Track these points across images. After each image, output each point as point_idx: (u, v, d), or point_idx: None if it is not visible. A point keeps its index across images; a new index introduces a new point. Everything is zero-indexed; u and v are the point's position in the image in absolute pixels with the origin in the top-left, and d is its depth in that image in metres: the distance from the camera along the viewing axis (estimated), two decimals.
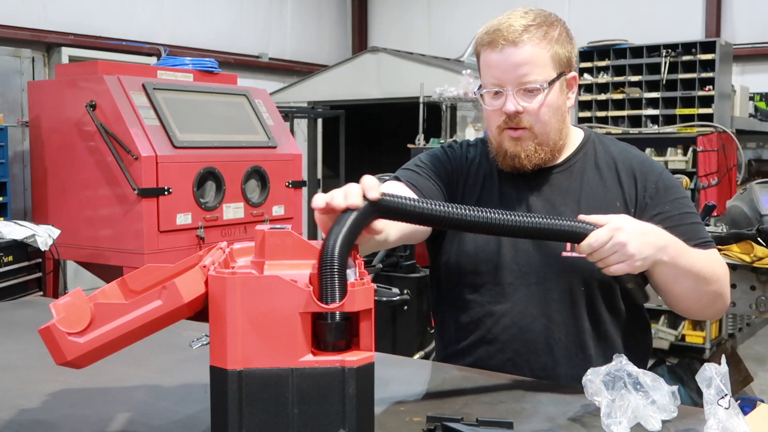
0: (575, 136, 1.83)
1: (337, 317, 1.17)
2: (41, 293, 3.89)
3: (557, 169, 1.79)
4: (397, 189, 1.69)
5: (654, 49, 6.12)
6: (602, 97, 6.27)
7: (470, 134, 7.05)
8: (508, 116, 1.69)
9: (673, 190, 1.76)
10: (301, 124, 8.83)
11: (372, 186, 1.28)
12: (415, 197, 1.43)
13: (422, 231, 1.77)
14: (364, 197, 1.27)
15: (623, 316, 1.77)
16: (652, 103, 6.13)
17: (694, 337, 5.75)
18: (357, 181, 1.32)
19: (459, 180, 1.84)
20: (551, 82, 1.68)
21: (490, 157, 1.81)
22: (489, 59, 1.69)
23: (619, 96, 6.21)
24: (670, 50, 6.00)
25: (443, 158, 1.85)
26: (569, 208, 1.73)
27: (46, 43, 7.25)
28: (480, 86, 1.74)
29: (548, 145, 1.73)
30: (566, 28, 1.74)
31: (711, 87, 5.90)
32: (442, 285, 1.86)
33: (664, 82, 6.04)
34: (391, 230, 1.61)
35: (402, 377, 1.67)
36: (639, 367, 1.34)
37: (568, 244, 1.71)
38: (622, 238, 1.45)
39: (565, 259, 1.71)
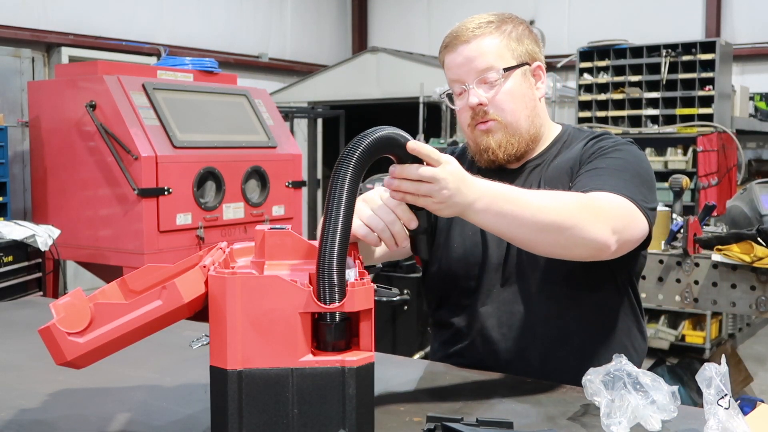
0: (553, 131, 1.85)
1: (337, 317, 1.17)
2: (41, 293, 3.89)
3: (532, 164, 1.80)
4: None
5: (654, 49, 6.12)
6: (602, 97, 6.27)
7: None
8: (474, 110, 1.72)
9: (601, 150, 1.69)
10: (301, 124, 8.83)
11: (410, 219, 1.39)
12: None
13: (405, 249, 1.76)
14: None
15: (611, 311, 1.77)
16: (652, 103, 6.13)
17: (694, 337, 5.75)
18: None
19: None
20: (507, 69, 1.70)
21: (468, 159, 1.84)
22: (448, 61, 1.76)
23: (619, 96, 6.21)
24: (670, 50, 6.00)
25: None
26: None
27: (46, 43, 7.25)
28: (446, 92, 1.80)
29: (519, 134, 1.74)
30: (526, 27, 1.78)
31: (711, 87, 5.90)
32: (435, 291, 1.88)
33: (664, 82, 6.04)
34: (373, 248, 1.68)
35: (402, 377, 1.67)
36: (634, 363, 1.34)
37: None
38: (444, 174, 1.30)
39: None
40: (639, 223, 1.57)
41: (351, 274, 1.20)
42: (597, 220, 1.47)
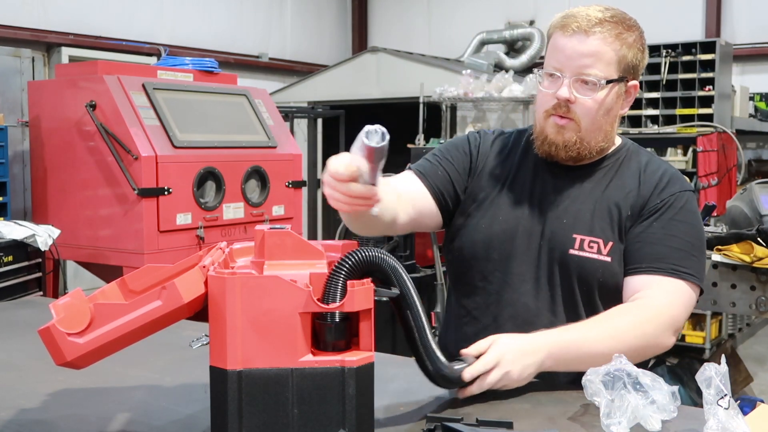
0: (615, 142, 1.83)
1: (337, 317, 1.17)
2: (41, 293, 3.88)
3: (589, 169, 1.78)
4: (407, 178, 1.81)
5: (654, 49, 6.11)
6: None
7: None
8: (558, 102, 1.69)
9: (677, 212, 1.70)
10: (301, 124, 8.83)
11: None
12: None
13: (431, 220, 1.82)
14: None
15: None
16: (652, 103, 6.13)
17: (694, 337, 5.75)
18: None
19: (478, 168, 1.85)
20: (610, 82, 1.67)
21: (523, 148, 1.83)
22: (557, 42, 1.69)
23: None
24: (670, 50, 6.00)
25: (461, 145, 1.88)
26: (586, 208, 1.74)
27: (46, 43, 7.25)
28: (541, 67, 1.75)
29: (589, 143, 1.72)
30: (643, 37, 1.73)
31: (711, 87, 5.90)
32: (454, 269, 1.87)
33: (664, 82, 6.03)
34: (400, 214, 1.69)
35: (402, 377, 1.67)
36: (643, 366, 1.34)
37: (577, 242, 1.70)
38: (506, 368, 1.44)
39: (572, 257, 1.70)
40: (694, 304, 1.69)
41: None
42: (658, 344, 1.61)
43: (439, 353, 1.39)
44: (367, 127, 1.27)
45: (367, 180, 1.33)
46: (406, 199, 1.74)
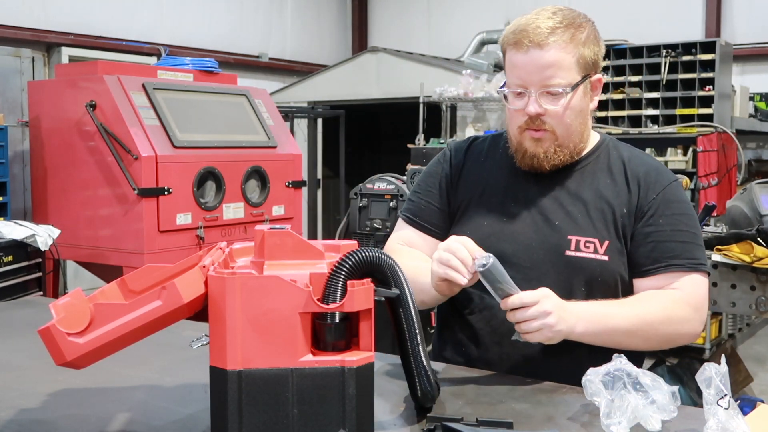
0: (591, 139, 1.84)
1: (337, 317, 1.17)
2: (41, 293, 3.88)
3: (569, 170, 1.78)
4: (407, 236, 1.89)
5: (654, 49, 6.12)
6: (602, 97, 6.25)
7: (470, 134, 7.05)
8: (530, 117, 1.70)
9: (674, 205, 1.73)
10: (301, 124, 8.83)
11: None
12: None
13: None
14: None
15: None
16: (652, 103, 6.13)
17: None
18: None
19: (454, 181, 1.87)
20: (575, 86, 1.68)
21: (501, 153, 1.83)
22: (514, 60, 1.69)
23: (619, 96, 6.21)
24: (670, 50, 6.00)
25: (434, 170, 1.92)
26: (577, 209, 1.74)
27: (46, 43, 7.25)
28: (504, 84, 1.75)
29: (568, 147, 1.73)
30: (595, 28, 1.74)
31: (711, 87, 5.90)
32: None
33: (664, 82, 6.04)
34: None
35: (402, 377, 1.67)
36: (635, 366, 1.34)
37: (573, 243, 1.71)
38: (547, 307, 1.50)
39: (569, 258, 1.71)
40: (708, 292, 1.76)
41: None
42: (687, 331, 1.68)
43: (428, 368, 1.37)
44: (478, 258, 1.52)
45: (510, 291, 1.52)
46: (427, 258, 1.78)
